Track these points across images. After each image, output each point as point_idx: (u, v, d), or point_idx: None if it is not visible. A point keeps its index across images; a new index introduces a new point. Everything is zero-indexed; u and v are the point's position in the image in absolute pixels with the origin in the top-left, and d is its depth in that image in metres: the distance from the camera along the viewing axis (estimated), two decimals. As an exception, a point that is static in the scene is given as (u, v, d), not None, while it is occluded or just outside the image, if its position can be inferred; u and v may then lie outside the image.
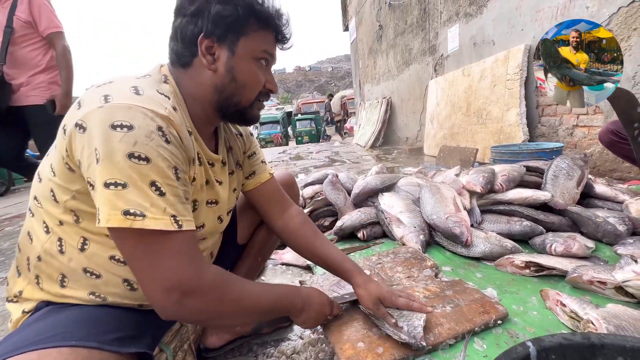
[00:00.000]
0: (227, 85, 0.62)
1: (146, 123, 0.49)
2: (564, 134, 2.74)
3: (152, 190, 0.48)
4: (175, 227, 0.50)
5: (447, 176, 1.61)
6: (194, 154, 0.61)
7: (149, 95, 0.53)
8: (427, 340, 0.72)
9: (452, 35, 4.22)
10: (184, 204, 0.53)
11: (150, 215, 0.48)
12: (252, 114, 0.68)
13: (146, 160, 0.48)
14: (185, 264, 0.51)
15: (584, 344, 0.52)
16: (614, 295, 0.84)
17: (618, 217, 1.20)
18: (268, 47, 0.64)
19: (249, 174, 0.84)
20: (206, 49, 0.60)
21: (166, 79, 0.61)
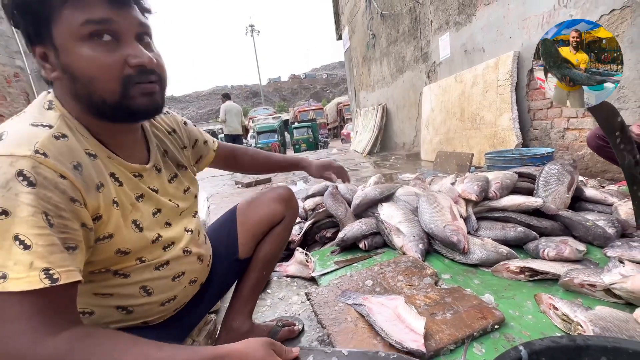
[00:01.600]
0: (74, 87, 0.53)
1: (2, 172, 0.44)
2: (556, 137, 2.81)
3: (16, 245, 0.43)
4: (45, 284, 0.43)
5: (443, 185, 1.67)
6: (103, 179, 0.55)
7: (13, 135, 0.47)
8: (429, 347, 0.77)
9: (443, 43, 4.33)
10: (63, 252, 0.46)
11: (12, 274, 0.42)
12: (136, 104, 0.55)
13: (5, 214, 0.43)
14: (19, 333, 0.42)
15: (571, 346, 0.57)
16: (604, 297, 0.89)
17: (607, 220, 1.26)
18: (89, 14, 0.50)
19: (197, 160, 0.90)
20: (40, 57, 0.52)
21: (51, 104, 0.55)
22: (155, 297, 0.69)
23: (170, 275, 0.71)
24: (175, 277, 0.72)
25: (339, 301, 1.02)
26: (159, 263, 0.68)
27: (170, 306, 0.74)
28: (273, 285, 1.47)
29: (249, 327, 0.99)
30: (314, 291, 1.15)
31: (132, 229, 0.61)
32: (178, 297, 0.75)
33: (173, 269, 0.71)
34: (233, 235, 0.95)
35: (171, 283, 0.72)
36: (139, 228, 0.62)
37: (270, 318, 1.17)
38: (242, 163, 1.08)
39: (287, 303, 1.31)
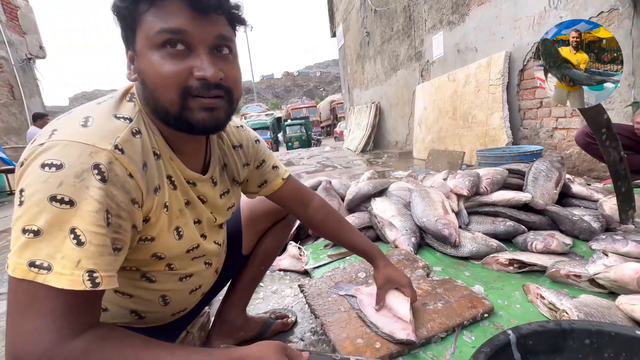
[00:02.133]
0: (143, 92, 0.53)
1: (80, 161, 0.43)
2: (545, 136, 2.88)
3: (69, 239, 0.42)
4: (87, 286, 0.42)
5: (435, 180, 1.70)
6: (161, 181, 0.55)
7: (98, 125, 0.48)
8: (420, 334, 0.79)
9: (436, 42, 4.37)
10: (110, 255, 0.45)
11: (57, 268, 0.41)
12: (196, 118, 0.53)
13: (70, 204, 0.42)
14: (45, 330, 0.41)
15: (557, 330, 0.59)
16: (588, 287, 0.93)
17: (593, 215, 1.30)
18: (167, 23, 0.48)
19: (261, 183, 0.82)
20: (130, 59, 0.54)
21: (132, 97, 0.55)
22: (169, 308, 0.69)
23: (189, 289, 0.71)
24: (192, 291, 0.72)
25: (332, 292, 1.03)
26: (184, 274, 0.67)
27: (178, 316, 0.74)
28: (266, 278, 1.47)
29: (242, 320, 0.99)
30: (307, 283, 1.16)
31: (174, 235, 0.59)
32: (188, 309, 0.76)
33: (193, 283, 0.71)
34: (237, 231, 0.94)
35: (187, 296, 0.72)
36: (179, 235, 0.60)
37: (263, 311, 1.17)
38: (312, 215, 0.88)
39: (280, 296, 1.31)
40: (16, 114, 7.45)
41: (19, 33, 7.86)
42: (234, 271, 0.96)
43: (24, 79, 7.78)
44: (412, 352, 0.77)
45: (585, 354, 0.58)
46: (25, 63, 7.86)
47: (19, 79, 7.61)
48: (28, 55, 7.98)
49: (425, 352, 0.77)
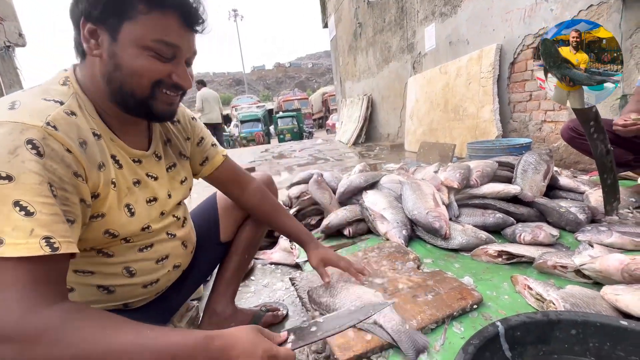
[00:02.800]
0: (113, 73, 0.56)
1: (12, 138, 0.44)
2: (534, 129, 2.91)
3: (16, 211, 0.42)
4: (46, 251, 0.42)
5: (426, 173, 1.70)
6: (105, 159, 0.57)
7: (26, 106, 0.48)
8: (411, 326, 0.79)
9: (428, 34, 4.35)
10: (64, 223, 0.46)
11: (9, 240, 0.41)
12: (158, 108, 0.60)
13: (8, 179, 0.43)
14: (12, 300, 0.40)
15: (544, 321, 0.60)
16: (574, 277, 0.94)
17: (579, 206, 1.32)
18: (165, 36, 0.55)
19: (202, 161, 0.84)
20: (89, 33, 0.55)
21: (66, 80, 0.57)
22: (138, 278, 0.69)
23: (155, 258, 0.71)
24: (159, 260, 0.72)
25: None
26: (143, 245, 0.68)
27: (152, 289, 0.73)
28: (257, 272, 1.46)
29: (231, 311, 0.98)
30: (298, 276, 1.16)
31: (125, 212, 0.61)
32: (161, 280, 0.74)
33: (157, 252, 0.71)
34: (214, 218, 0.95)
35: (155, 266, 0.72)
36: (130, 212, 0.62)
37: (254, 304, 1.16)
38: (248, 198, 0.90)
39: (272, 289, 1.31)
40: (-4, 104, 7.16)
41: (-3, 20, 7.51)
42: (215, 259, 0.97)
43: (3, 67, 7.45)
44: (402, 343, 0.78)
45: (572, 344, 0.59)
46: (4, 51, 7.53)
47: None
48: (7, 43, 7.64)
49: (415, 343, 0.78)
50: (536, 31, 2.68)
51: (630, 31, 2.00)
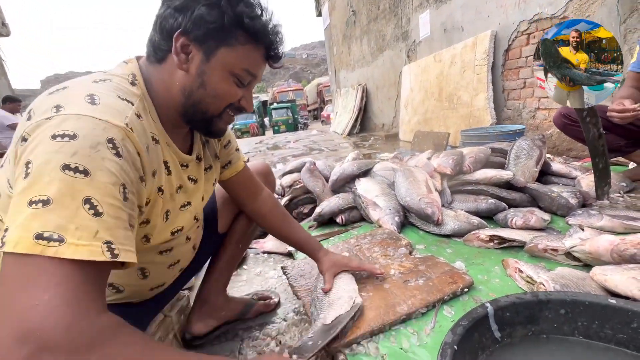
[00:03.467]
0: (196, 90, 0.58)
1: (95, 133, 0.43)
2: (527, 117, 2.91)
3: (85, 209, 0.40)
4: (106, 257, 0.40)
5: (419, 160, 1.69)
6: (158, 166, 0.57)
7: (107, 103, 0.48)
8: (401, 311, 0.79)
9: (423, 21, 4.29)
10: (126, 229, 0.44)
11: (71, 240, 0.38)
12: (219, 126, 0.64)
13: (84, 173, 0.41)
14: (63, 301, 0.36)
15: (533, 301, 0.60)
16: (565, 260, 0.95)
17: (570, 191, 1.32)
18: (251, 67, 0.60)
19: (226, 164, 0.84)
20: (181, 46, 0.56)
21: (134, 79, 0.56)
22: (148, 281, 0.68)
23: (168, 262, 0.71)
24: (171, 265, 0.72)
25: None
26: (164, 248, 0.67)
27: (157, 291, 0.74)
28: (250, 261, 1.45)
29: (223, 300, 0.98)
30: (289, 265, 1.15)
31: (163, 218, 0.61)
32: (166, 284, 0.75)
33: (173, 257, 0.71)
34: (212, 209, 0.94)
35: (166, 270, 0.71)
36: (167, 217, 0.62)
37: (246, 293, 1.16)
38: (260, 206, 0.90)
39: (264, 278, 1.30)
40: (-19, 95, 6.99)
41: (-21, 8, 7.26)
42: (211, 249, 0.96)
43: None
44: (393, 327, 0.78)
45: (561, 324, 0.59)
46: (-13, 41, 7.30)
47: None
48: (-10, 33, 7.40)
49: (405, 327, 0.77)
50: (531, 17, 2.65)
51: (625, 15, 1.98)
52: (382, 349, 0.72)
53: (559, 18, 2.41)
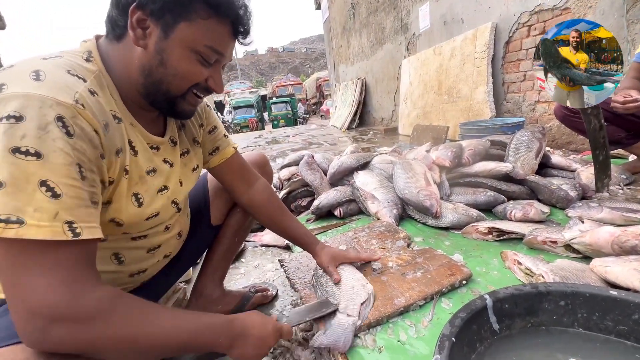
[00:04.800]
0: (155, 68, 0.55)
1: (42, 113, 0.41)
2: (527, 110, 2.89)
3: (42, 191, 0.40)
4: (68, 236, 0.41)
5: (418, 152, 1.67)
6: (122, 144, 0.54)
7: (53, 79, 0.45)
8: (399, 303, 0.78)
9: (423, 13, 4.24)
10: (88, 207, 0.45)
11: (31, 221, 0.39)
12: (182, 107, 0.60)
13: (36, 156, 0.40)
14: (58, 283, 0.41)
15: (533, 293, 0.59)
16: (564, 252, 0.94)
17: (570, 184, 1.31)
18: (216, 44, 0.56)
19: (213, 150, 0.80)
20: (137, 21, 0.52)
21: (89, 55, 0.53)
22: (126, 267, 0.66)
23: (146, 247, 0.68)
24: (150, 250, 0.69)
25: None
26: (137, 234, 0.64)
27: (138, 279, 0.71)
28: (247, 254, 1.44)
29: (219, 293, 0.97)
30: (287, 257, 1.14)
31: (132, 201, 0.58)
32: (148, 270, 0.72)
33: (150, 242, 0.68)
34: (205, 201, 0.92)
35: (145, 255, 0.69)
36: (138, 202, 0.59)
37: (243, 285, 1.15)
38: (254, 195, 0.86)
39: (262, 271, 1.29)
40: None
41: (-28, 0, 7.14)
42: (205, 242, 0.94)
43: None
44: (390, 320, 0.77)
45: (560, 315, 0.58)
46: (-17, 34, 7.20)
47: None
48: (-15, 26, 7.29)
49: (403, 319, 0.77)
50: (532, 8, 2.61)
51: (628, 6, 1.95)
52: (379, 341, 0.71)
53: (561, 9, 2.38)
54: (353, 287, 0.80)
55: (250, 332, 0.60)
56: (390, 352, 0.68)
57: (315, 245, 0.91)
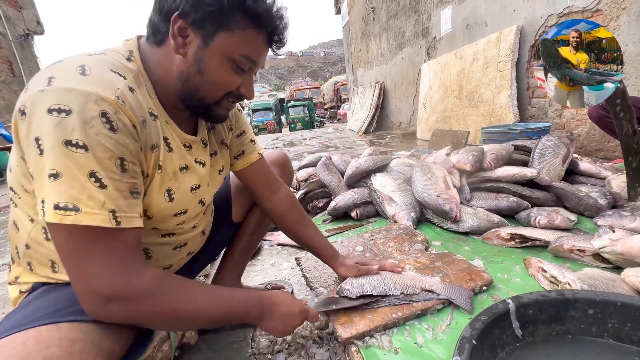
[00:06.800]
0: (193, 76, 0.57)
1: (87, 107, 0.44)
2: (553, 115, 2.78)
3: (91, 182, 0.44)
4: (112, 224, 0.45)
5: (438, 156, 1.65)
6: (158, 140, 0.56)
7: (97, 75, 0.48)
8: (415, 306, 0.77)
9: (444, 17, 4.18)
10: (127, 199, 0.48)
11: (85, 209, 0.43)
12: (217, 112, 0.63)
13: (84, 148, 0.44)
14: (114, 268, 0.47)
15: (559, 299, 0.57)
16: (592, 262, 0.90)
17: (600, 191, 1.25)
18: (251, 53, 0.58)
19: (238, 154, 0.81)
20: (178, 29, 0.54)
21: (131, 55, 0.56)
22: (153, 262, 0.68)
23: (173, 245, 0.70)
24: (177, 247, 0.71)
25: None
26: (166, 232, 0.67)
27: None
28: (264, 252, 1.46)
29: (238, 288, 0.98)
30: (303, 256, 1.14)
31: (164, 196, 0.60)
32: (173, 266, 0.74)
33: (177, 240, 0.70)
34: (227, 198, 0.93)
35: (172, 252, 0.71)
36: (170, 197, 0.61)
37: (259, 282, 1.16)
38: (277, 202, 0.86)
39: (278, 269, 1.30)
40: (17, 91, 7.37)
41: (16, 7, 7.65)
42: (225, 238, 0.96)
43: (23, 55, 7.63)
44: (407, 322, 0.76)
45: (588, 324, 0.56)
46: (24, 39, 7.68)
47: (17, 56, 7.46)
48: (26, 31, 7.78)
49: (420, 322, 0.76)
50: (561, 10, 2.53)
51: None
52: (395, 342, 0.70)
53: (592, 11, 2.29)
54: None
55: (278, 308, 0.66)
56: (406, 354, 0.67)
57: (335, 259, 0.88)
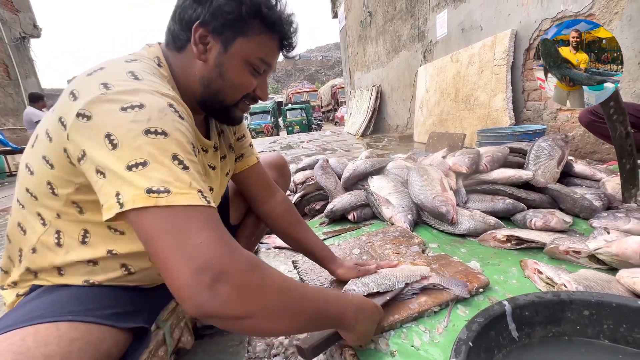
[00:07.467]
0: (214, 80, 0.60)
1: (156, 100, 0.47)
2: (548, 118, 2.81)
3: (175, 164, 0.44)
4: (204, 202, 0.45)
5: (434, 158, 1.65)
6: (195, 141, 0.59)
7: (148, 78, 0.51)
8: (412, 309, 0.77)
9: (440, 21, 4.22)
10: (204, 181, 0.49)
11: (175, 190, 0.43)
12: (235, 114, 0.67)
13: (164, 134, 0.45)
14: (216, 240, 0.44)
15: (554, 301, 0.57)
16: (587, 263, 0.90)
17: (595, 193, 1.26)
18: (266, 56, 0.62)
19: (237, 157, 0.84)
20: (199, 37, 0.58)
21: (159, 61, 0.59)
22: (153, 265, 0.67)
23: None
24: None
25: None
26: None
27: None
28: (261, 255, 1.45)
29: None
30: (300, 259, 1.14)
31: None
32: None
33: None
34: (225, 200, 0.94)
35: None
36: None
37: (256, 286, 1.16)
38: (274, 206, 0.87)
39: (274, 272, 1.30)
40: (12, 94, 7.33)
41: (12, 10, 7.63)
42: None
43: (19, 58, 7.60)
44: (404, 325, 0.75)
45: (584, 326, 0.56)
46: (20, 42, 7.66)
47: (13, 59, 7.43)
48: (22, 34, 7.76)
49: (417, 325, 0.75)
50: (555, 14, 2.56)
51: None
52: (392, 345, 0.70)
53: (585, 15, 2.32)
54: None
55: (366, 307, 0.63)
56: (403, 357, 0.67)
57: (333, 262, 0.88)
